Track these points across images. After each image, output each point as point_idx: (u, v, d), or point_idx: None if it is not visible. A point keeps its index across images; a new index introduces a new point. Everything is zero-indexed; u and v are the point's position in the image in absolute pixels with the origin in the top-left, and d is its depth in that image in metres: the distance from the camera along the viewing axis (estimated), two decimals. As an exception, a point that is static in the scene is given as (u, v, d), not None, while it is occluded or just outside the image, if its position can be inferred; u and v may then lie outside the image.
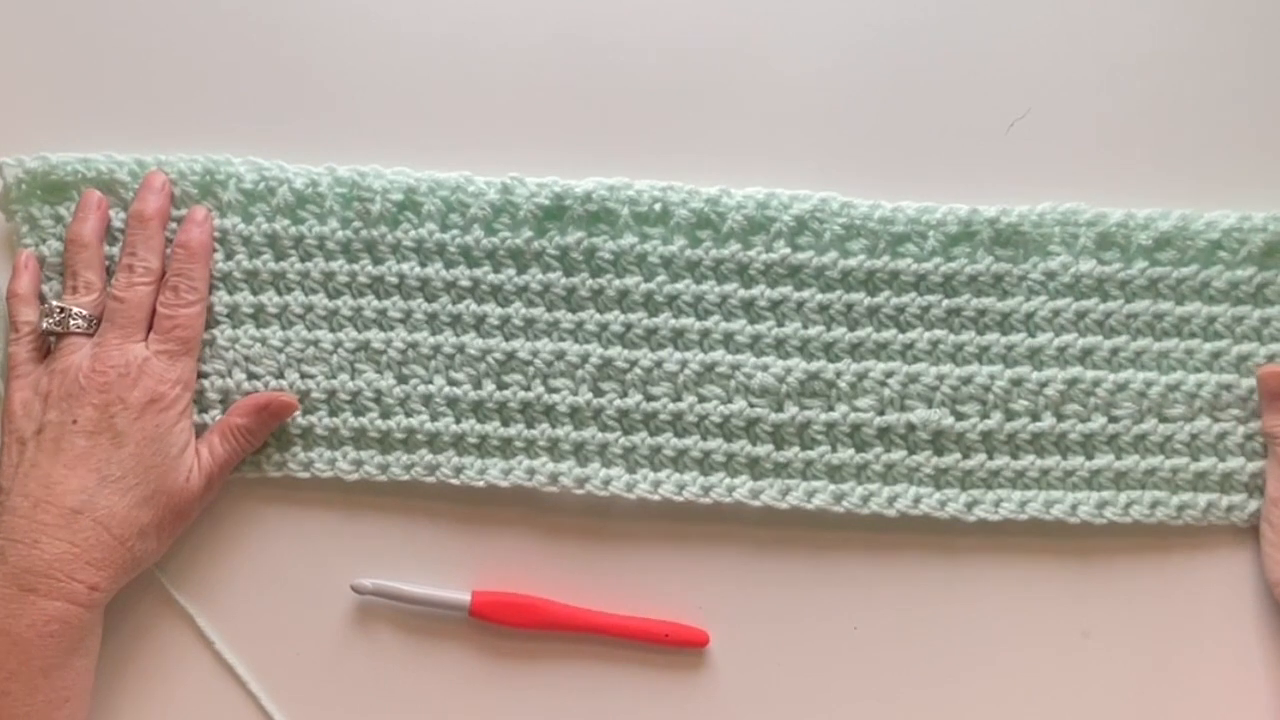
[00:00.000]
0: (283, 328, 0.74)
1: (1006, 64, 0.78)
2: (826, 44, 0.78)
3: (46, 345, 0.72)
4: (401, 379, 0.74)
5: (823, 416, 0.73)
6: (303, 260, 0.74)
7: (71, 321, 0.71)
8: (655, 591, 0.74)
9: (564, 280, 0.74)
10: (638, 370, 0.73)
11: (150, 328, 0.72)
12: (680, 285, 0.74)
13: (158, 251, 0.73)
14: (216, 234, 0.74)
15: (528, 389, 0.74)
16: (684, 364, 0.73)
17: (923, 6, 0.78)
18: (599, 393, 0.74)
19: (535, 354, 0.73)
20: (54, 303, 0.72)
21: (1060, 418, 0.73)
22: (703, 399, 0.73)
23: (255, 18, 0.78)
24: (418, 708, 0.73)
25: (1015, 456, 0.73)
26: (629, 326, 0.74)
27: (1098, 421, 0.73)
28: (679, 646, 0.73)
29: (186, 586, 0.74)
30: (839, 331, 0.73)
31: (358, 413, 0.74)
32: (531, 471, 0.73)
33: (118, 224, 0.74)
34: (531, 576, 0.74)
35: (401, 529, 0.75)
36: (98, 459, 0.68)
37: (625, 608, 0.73)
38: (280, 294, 0.74)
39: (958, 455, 0.73)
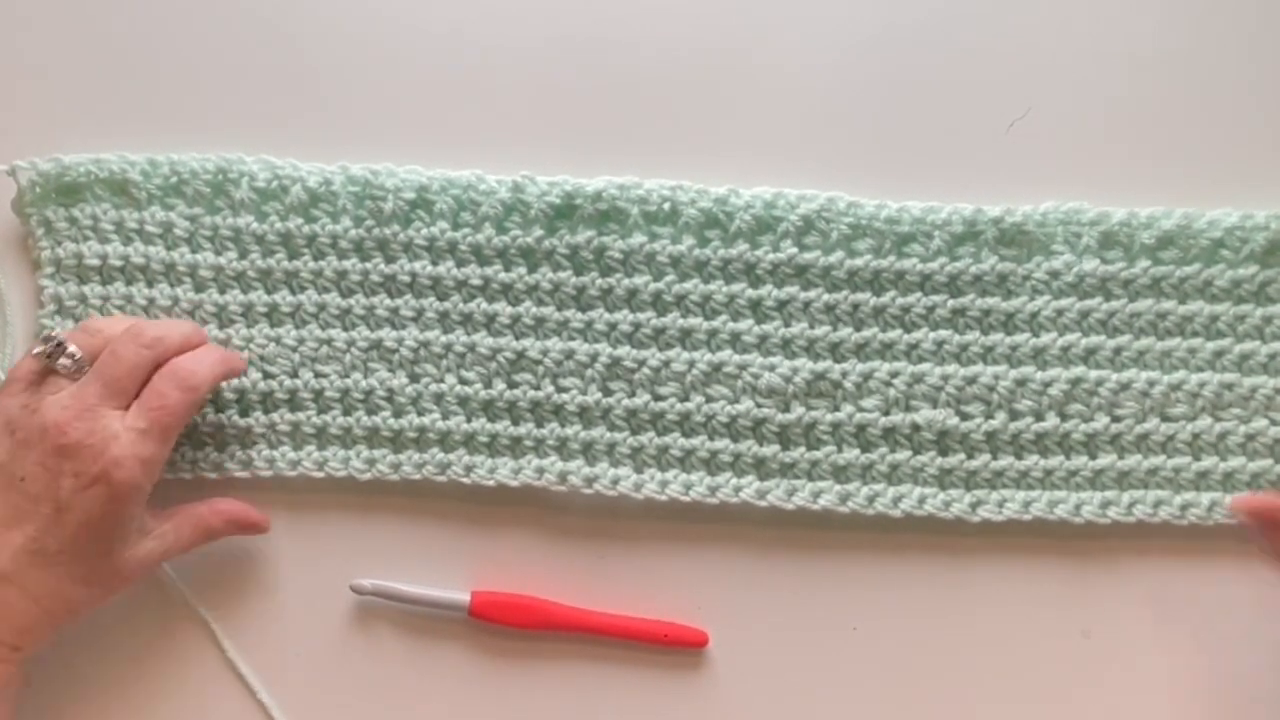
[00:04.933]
0: (296, 326, 0.74)
1: (1008, 64, 0.78)
2: (831, 45, 0.78)
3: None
4: (414, 378, 0.74)
5: (829, 417, 0.73)
6: (316, 259, 0.74)
7: (60, 361, 0.65)
8: (655, 591, 0.74)
9: (574, 279, 0.74)
10: (646, 370, 0.74)
11: (136, 397, 0.65)
12: (688, 285, 0.74)
13: (180, 332, 0.68)
14: (229, 233, 0.74)
15: (537, 388, 0.74)
16: (691, 364, 0.73)
17: (925, 7, 0.78)
18: (607, 392, 0.74)
19: (545, 353, 0.74)
20: (52, 331, 0.67)
21: (1064, 417, 0.73)
22: (710, 399, 0.74)
23: (267, 17, 0.78)
24: (417, 708, 0.73)
25: (1019, 456, 0.73)
26: (637, 326, 0.74)
27: (1101, 421, 0.73)
28: (678, 646, 0.73)
29: (186, 586, 0.73)
30: (845, 331, 0.74)
31: (371, 411, 0.74)
32: (540, 471, 0.73)
33: (131, 224, 0.74)
34: (530, 576, 0.74)
35: (401, 529, 0.74)
36: (37, 526, 0.62)
37: (624, 608, 0.73)
38: (294, 293, 0.74)
39: (962, 455, 0.73)
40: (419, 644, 0.73)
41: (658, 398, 0.74)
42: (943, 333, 0.74)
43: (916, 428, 0.73)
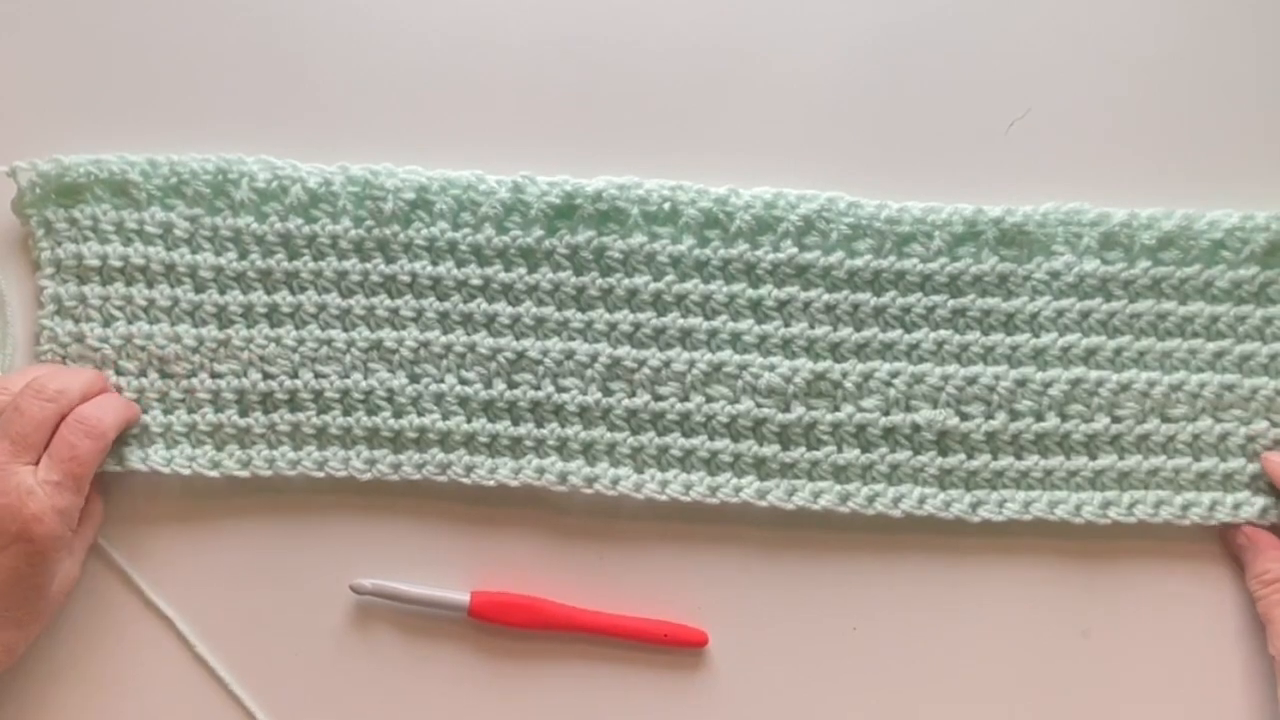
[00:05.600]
0: (296, 327, 0.74)
1: (1008, 64, 0.78)
2: (832, 45, 0.78)
3: None
4: (414, 378, 0.74)
5: (829, 417, 0.73)
6: (316, 259, 0.74)
7: None
8: (654, 591, 0.74)
9: (574, 279, 0.74)
10: (646, 370, 0.74)
11: (44, 450, 0.66)
12: (688, 285, 0.74)
13: (82, 381, 0.69)
14: (229, 233, 0.74)
15: (537, 388, 0.74)
16: (691, 364, 0.73)
17: (925, 7, 0.78)
18: (608, 392, 0.74)
19: (545, 353, 0.74)
20: None
21: (1064, 418, 0.73)
22: (710, 399, 0.74)
23: (268, 18, 0.78)
24: (417, 708, 0.73)
25: (1019, 457, 0.73)
26: (638, 326, 0.74)
27: (1101, 421, 0.73)
28: (678, 646, 0.73)
29: (187, 587, 0.74)
30: (845, 332, 0.74)
31: (371, 411, 0.73)
32: (541, 471, 0.73)
33: (131, 225, 0.74)
34: (530, 577, 0.74)
35: (401, 529, 0.74)
36: None
37: (624, 608, 0.73)
38: (294, 293, 0.74)
39: (962, 456, 0.73)
40: (419, 644, 0.73)
41: (658, 398, 0.74)
42: (943, 333, 0.74)
43: (917, 428, 0.73)
